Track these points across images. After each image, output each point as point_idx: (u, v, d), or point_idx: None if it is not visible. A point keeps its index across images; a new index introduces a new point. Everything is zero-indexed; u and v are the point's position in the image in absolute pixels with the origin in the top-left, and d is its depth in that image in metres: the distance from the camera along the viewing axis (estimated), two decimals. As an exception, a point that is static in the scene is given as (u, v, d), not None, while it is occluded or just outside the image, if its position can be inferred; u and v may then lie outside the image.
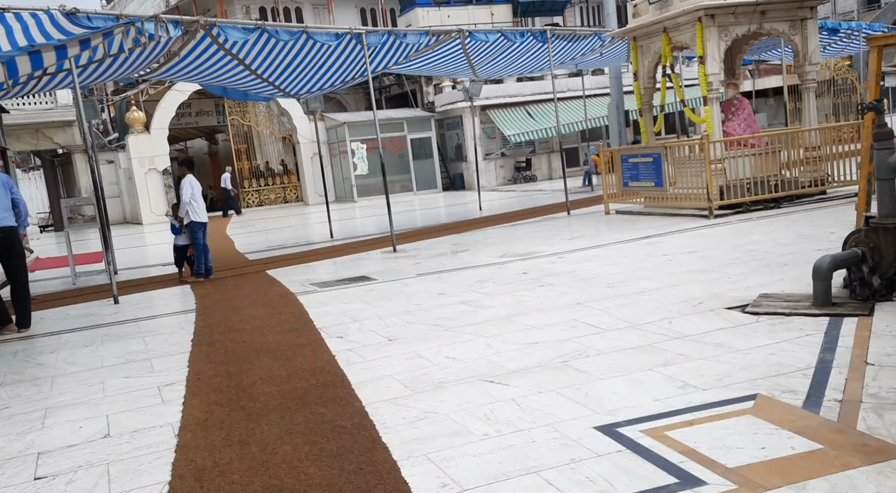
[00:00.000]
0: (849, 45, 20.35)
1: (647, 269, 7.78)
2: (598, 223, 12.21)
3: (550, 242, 10.78)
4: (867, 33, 20.07)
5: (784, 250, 7.88)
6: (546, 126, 26.23)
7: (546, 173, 28.18)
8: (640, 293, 6.68)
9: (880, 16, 29.84)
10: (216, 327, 7.22)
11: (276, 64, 12.07)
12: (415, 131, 27.99)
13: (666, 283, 6.97)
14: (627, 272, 7.71)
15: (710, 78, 11.13)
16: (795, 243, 8.20)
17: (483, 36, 13.30)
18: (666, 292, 6.59)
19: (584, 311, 6.29)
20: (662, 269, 7.68)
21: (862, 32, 19.85)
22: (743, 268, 7.21)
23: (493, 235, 12.38)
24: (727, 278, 6.85)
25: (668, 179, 11.55)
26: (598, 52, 15.61)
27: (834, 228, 8.82)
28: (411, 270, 9.67)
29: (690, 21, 11.26)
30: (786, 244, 8.16)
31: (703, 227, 10.26)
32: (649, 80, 12.63)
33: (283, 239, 15.78)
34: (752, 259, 7.59)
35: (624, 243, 9.75)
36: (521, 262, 9.29)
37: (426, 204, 22.71)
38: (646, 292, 6.72)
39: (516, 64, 15.30)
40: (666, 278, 7.21)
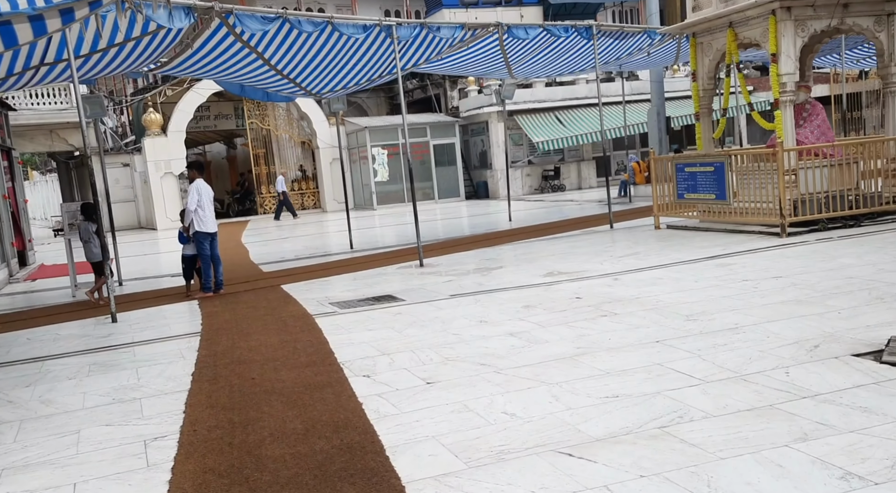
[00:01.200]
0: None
1: (728, 297, 6.59)
2: (650, 239, 11.01)
3: (599, 259, 9.60)
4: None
5: (893, 278, 6.66)
6: (577, 133, 25.05)
7: (575, 183, 26.97)
8: (732, 330, 5.49)
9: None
10: (222, 356, 6.11)
11: (297, 59, 11.01)
12: (438, 137, 26.92)
13: (760, 317, 5.78)
14: (706, 301, 6.53)
15: (783, 78, 9.92)
16: None
17: (523, 31, 12.18)
18: (764, 330, 5.40)
19: (668, 352, 5.12)
20: (748, 298, 6.48)
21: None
22: (850, 300, 6.01)
23: (530, 250, 11.22)
24: (836, 314, 5.65)
25: (731, 192, 10.34)
26: (646, 51, 14.43)
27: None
28: (443, 289, 8.53)
29: (762, 14, 10.06)
30: (891, 271, 6.93)
31: (778, 247, 9.04)
32: (709, 81, 11.44)
33: (299, 249, 14.70)
34: (856, 289, 6.37)
35: (689, 264, 8.55)
36: (571, 283, 8.13)
37: (450, 213, 21.59)
38: (738, 328, 5.53)
39: (556, 63, 14.16)
40: (757, 310, 6.02)
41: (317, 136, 27.22)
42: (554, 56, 13.59)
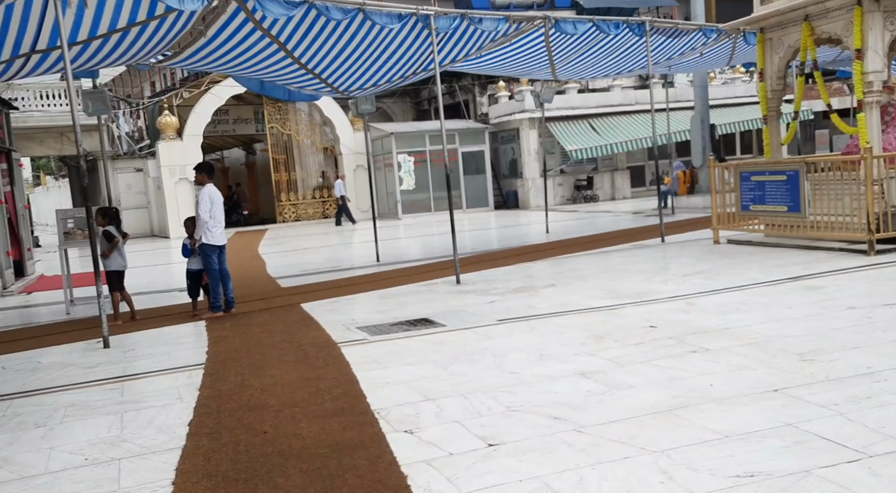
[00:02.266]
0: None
1: (840, 331, 5.42)
2: (712, 255, 9.83)
3: (661, 278, 8.45)
4: None
5: None
6: (611, 141, 23.87)
7: (608, 193, 25.77)
8: (868, 377, 4.33)
9: None
10: (228, 398, 5.04)
11: (324, 51, 9.98)
12: (467, 144, 25.85)
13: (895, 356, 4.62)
14: (814, 335, 5.36)
15: (870, 76, 8.75)
16: None
17: (571, 26, 11.09)
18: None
19: (796, 406, 3.97)
20: (866, 332, 5.31)
21: None
22: None
23: (578, 266, 10.08)
24: None
25: (805, 203, 9.15)
26: (699, 51, 13.28)
27: None
28: (487, 312, 7.42)
29: (846, 5, 8.91)
30: None
31: (869, 267, 7.84)
32: (779, 81, 10.27)
33: (321, 261, 13.65)
34: None
35: (771, 286, 7.37)
36: (637, 307, 6.98)
37: (480, 224, 20.48)
38: (874, 373, 4.37)
39: (603, 63, 13.05)
40: (886, 348, 4.85)
41: (340, 141, 26.25)
42: (602, 55, 12.48)
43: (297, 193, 26.98)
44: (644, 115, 25.21)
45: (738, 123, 24.58)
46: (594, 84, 27.20)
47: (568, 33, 11.27)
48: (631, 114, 25.28)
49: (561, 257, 11.25)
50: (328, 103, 25.34)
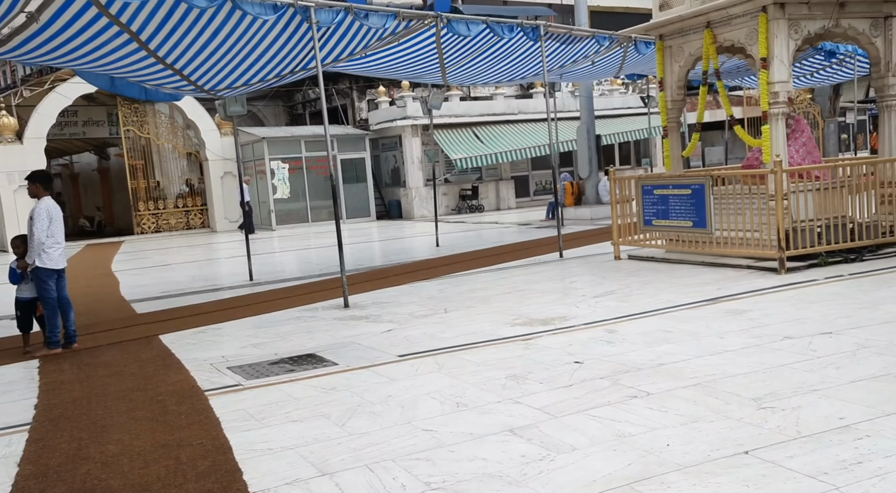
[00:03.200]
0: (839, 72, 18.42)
1: (788, 367, 4.84)
2: (617, 273, 9.29)
3: (571, 300, 7.77)
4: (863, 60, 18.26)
5: None
6: (497, 150, 23.44)
7: (494, 203, 25.36)
8: (844, 431, 3.71)
9: None
10: (56, 479, 3.81)
11: (185, 43, 8.68)
12: (346, 151, 24.70)
13: (864, 404, 4.03)
14: (762, 373, 4.74)
15: (776, 87, 8.48)
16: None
17: (464, 27, 10.32)
18: (894, 430, 3.65)
19: (777, 477, 3.27)
20: (817, 369, 4.75)
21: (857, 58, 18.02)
22: (972, 375, 4.36)
23: (479, 285, 9.28)
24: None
25: (712, 218, 8.77)
26: (591, 60, 12.89)
27: None
28: (385, 344, 6.45)
29: (750, 12, 8.61)
30: (976, 326, 5.40)
31: (785, 287, 7.47)
32: (679, 90, 9.91)
33: (185, 280, 12.16)
34: (959, 355, 4.76)
35: (690, 310, 6.82)
36: (554, 337, 6.23)
37: (363, 236, 19.42)
38: (852, 428, 3.75)
39: (497, 68, 12.37)
40: (848, 391, 4.27)
41: (205, 146, 24.34)
42: (495, 59, 11.81)
43: (158, 202, 24.84)
44: (527, 124, 25.01)
45: (618, 133, 24.82)
46: (477, 92, 26.81)
47: (461, 34, 10.50)
48: (514, 123, 25.02)
49: (458, 274, 10.42)
50: (192, 104, 23.44)
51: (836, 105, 28.58)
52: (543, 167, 26.32)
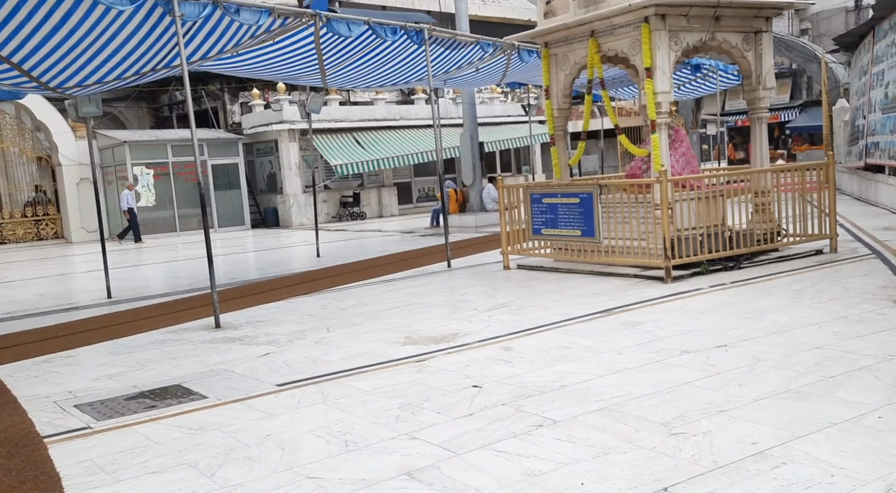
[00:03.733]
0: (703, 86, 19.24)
1: (691, 386, 4.65)
2: (507, 284, 9.05)
3: (462, 314, 7.42)
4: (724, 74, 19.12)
5: (859, 346, 5.12)
6: (378, 157, 22.97)
7: (376, 210, 24.86)
8: (758, 458, 3.49)
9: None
10: None
11: (24, 34, 7.70)
12: (218, 156, 23.51)
13: (775, 427, 3.86)
14: (666, 394, 4.53)
15: (658, 97, 8.49)
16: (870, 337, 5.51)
17: (344, 27, 9.82)
18: (809, 456, 3.46)
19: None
20: (720, 387, 4.58)
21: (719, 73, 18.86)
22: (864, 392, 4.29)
23: (364, 299, 8.78)
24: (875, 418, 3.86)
25: (600, 227, 8.68)
26: (475, 66, 12.68)
27: (865, 304, 6.32)
28: (262, 371, 5.86)
29: (632, 22, 8.60)
30: (849, 337, 5.41)
31: (674, 297, 7.43)
32: (565, 99, 9.81)
33: (31, 298, 10.92)
34: (846, 368, 4.69)
35: (585, 323, 6.62)
36: (448, 356, 5.84)
37: (237, 246, 18.42)
38: (766, 455, 3.54)
39: (379, 72, 11.92)
40: (755, 412, 4.10)
41: (58, 150, 22.43)
42: (378, 63, 11.36)
43: (3, 210, 22.66)
44: (410, 130, 24.73)
45: (501, 141, 24.95)
46: (357, 97, 26.29)
47: (341, 35, 9.99)
48: (396, 129, 24.66)
49: (341, 287, 9.87)
50: (41, 104, 21.56)
51: (698, 117, 30.06)
52: (426, 174, 26.13)
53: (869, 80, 15.09)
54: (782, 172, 9.31)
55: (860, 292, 6.87)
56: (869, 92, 15.06)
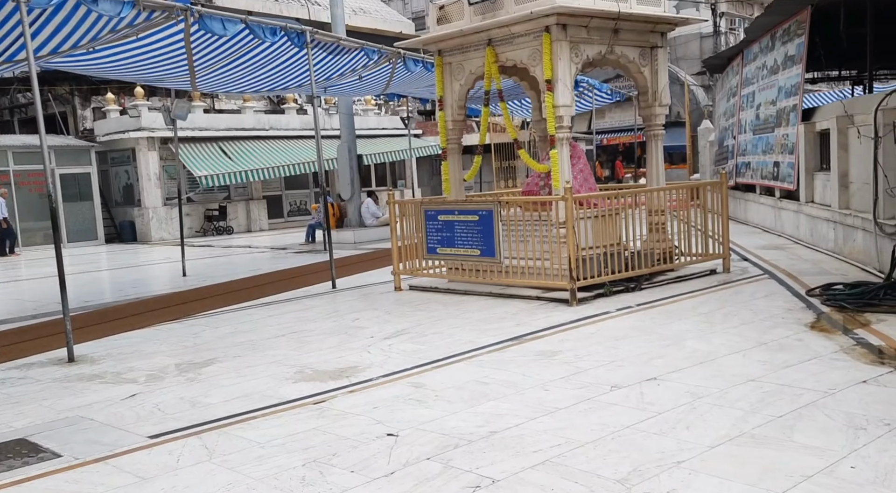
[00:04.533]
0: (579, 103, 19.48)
1: (635, 428, 4.20)
2: (402, 307, 8.41)
3: (359, 343, 6.72)
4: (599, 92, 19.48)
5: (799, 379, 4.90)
6: (247, 168, 21.69)
7: (244, 225, 23.49)
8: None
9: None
10: None
11: None
12: (67, 165, 21.42)
13: (739, 478, 3.46)
14: (609, 439, 4.05)
15: (560, 111, 8.18)
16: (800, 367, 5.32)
17: (219, 25, 8.91)
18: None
19: None
20: (667, 429, 4.17)
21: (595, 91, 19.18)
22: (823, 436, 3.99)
23: (244, 326, 7.87)
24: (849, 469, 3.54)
25: (501, 247, 8.24)
26: (358, 74, 12.02)
27: (778, 328, 6.21)
28: (129, 418, 4.93)
29: (532, 31, 8.25)
30: (779, 367, 5.20)
31: (584, 322, 7.05)
32: (460, 110, 9.32)
33: None
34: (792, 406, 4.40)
35: (496, 353, 6.10)
36: (353, 396, 5.14)
37: (91, 263, 16.69)
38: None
39: (257, 76, 11.01)
40: (715, 461, 3.68)
41: None
42: (255, 66, 10.46)
43: None
44: (280, 141, 23.61)
45: (380, 154, 24.28)
46: (222, 104, 24.85)
47: (215, 33, 9.07)
48: (266, 139, 23.46)
49: (215, 312, 8.88)
50: None
51: (571, 134, 30.67)
52: (298, 187, 25.07)
53: (738, 101, 15.72)
54: (678, 191, 9.26)
55: (768, 315, 6.78)
56: (739, 113, 15.67)
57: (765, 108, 13.66)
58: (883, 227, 8.09)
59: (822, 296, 7.31)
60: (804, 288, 7.86)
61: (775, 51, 13.25)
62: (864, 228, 8.79)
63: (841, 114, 9.68)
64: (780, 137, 12.62)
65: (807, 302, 7.21)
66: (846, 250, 9.58)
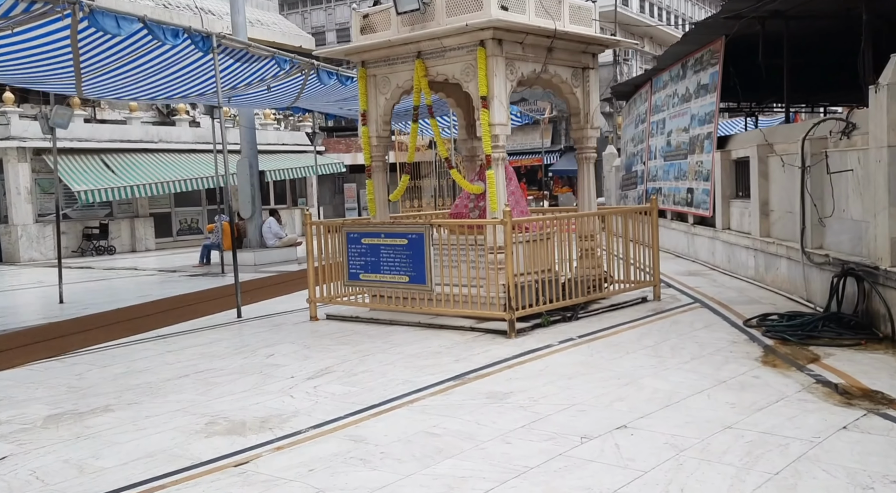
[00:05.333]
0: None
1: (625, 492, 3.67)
2: (321, 340, 7.60)
3: (279, 384, 5.89)
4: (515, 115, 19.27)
5: (777, 425, 4.51)
6: (132, 183, 20.11)
7: (128, 244, 21.76)
8: None
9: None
10: None
11: None
12: (-78, 176, 19.19)
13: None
14: (602, 504, 3.49)
15: (496, 129, 7.67)
16: (771, 410, 4.96)
17: (112, 23, 7.93)
18: None
19: None
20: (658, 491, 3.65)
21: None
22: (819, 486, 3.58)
23: (139, 364, 6.85)
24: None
25: (432, 273, 7.60)
26: (267, 85, 11.15)
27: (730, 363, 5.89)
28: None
29: (466, 45, 7.72)
30: (750, 411, 4.81)
31: (524, 357, 6.49)
32: (385, 126, 8.65)
33: None
34: (784, 457, 4.02)
35: (440, 396, 5.43)
36: (280, 454, 4.36)
37: (-52, 285, 14.81)
38: None
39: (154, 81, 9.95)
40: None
41: None
42: (153, 71, 9.43)
43: None
44: (170, 154, 22.15)
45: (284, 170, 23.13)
46: (105, 113, 23.08)
47: (108, 32, 8.07)
48: (154, 153, 21.93)
49: (101, 347, 7.76)
50: None
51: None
52: (189, 204, 23.59)
53: (648, 127, 15.83)
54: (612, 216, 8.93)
55: (715, 348, 6.45)
56: (648, 139, 15.77)
57: (676, 134, 13.74)
58: (811, 256, 8.02)
59: (761, 327, 7.11)
60: (738, 318, 7.66)
61: (687, 79, 13.35)
62: (790, 256, 8.74)
63: (762, 143, 9.68)
64: (694, 164, 12.67)
65: (747, 333, 6.97)
66: (769, 279, 9.54)
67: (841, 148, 7.45)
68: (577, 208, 9.17)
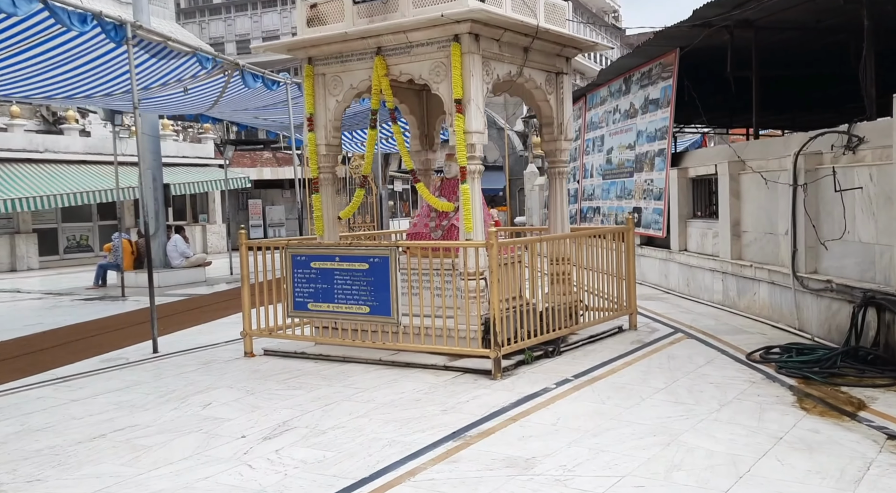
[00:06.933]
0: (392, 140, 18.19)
1: None
2: (267, 383, 6.30)
3: (228, 449, 4.63)
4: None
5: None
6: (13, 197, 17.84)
7: (7, 263, 19.34)
8: None
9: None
10: None
11: None
12: None
13: None
14: None
15: (473, 137, 6.67)
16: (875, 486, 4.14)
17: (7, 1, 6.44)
18: None
19: None
20: None
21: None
22: None
23: (37, 420, 5.38)
24: None
25: (398, 303, 6.47)
26: (184, 86, 9.74)
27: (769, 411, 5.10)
28: None
29: (437, 40, 6.71)
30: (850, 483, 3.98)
31: (526, 403, 5.47)
32: (335, 133, 7.47)
33: None
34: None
35: (445, 464, 4.33)
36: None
37: None
38: None
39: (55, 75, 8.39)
40: None
41: None
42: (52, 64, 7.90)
43: None
44: (57, 165, 19.96)
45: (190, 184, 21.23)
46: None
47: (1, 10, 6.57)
48: (39, 163, 19.70)
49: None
50: None
51: (387, 173, 29.51)
52: (77, 219, 21.39)
53: (582, 145, 15.26)
54: (591, 238, 8.07)
55: (738, 391, 5.64)
56: (583, 157, 15.20)
57: (619, 152, 13.19)
58: (805, 282, 7.43)
59: (768, 362, 6.42)
60: (734, 349, 7.00)
61: (632, 94, 12.84)
62: (773, 281, 8.16)
63: (733, 159, 9.13)
64: (643, 183, 12.11)
65: (759, 370, 6.23)
66: (742, 304, 8.96)
67: (844, 164, 6.90)
68: (548, 229, 8.28)
